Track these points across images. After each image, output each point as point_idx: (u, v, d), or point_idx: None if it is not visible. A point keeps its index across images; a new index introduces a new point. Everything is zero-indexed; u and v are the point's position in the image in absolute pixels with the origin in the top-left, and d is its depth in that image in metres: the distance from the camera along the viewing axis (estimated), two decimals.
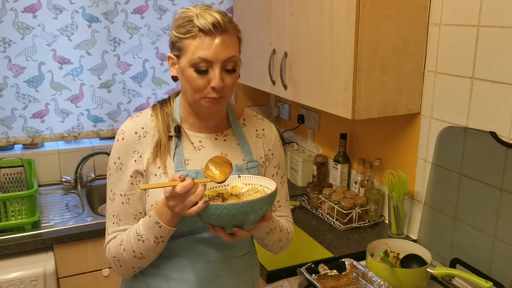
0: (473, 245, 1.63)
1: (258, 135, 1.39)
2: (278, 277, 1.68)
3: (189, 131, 1.33)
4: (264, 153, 1.39)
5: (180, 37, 1.21)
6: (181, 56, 1.22)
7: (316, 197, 2.22)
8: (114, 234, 1.28)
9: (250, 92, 2.91)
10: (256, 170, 1.35)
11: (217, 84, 1.20)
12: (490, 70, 1.57)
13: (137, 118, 1.32)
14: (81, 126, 2.54)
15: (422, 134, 1.87)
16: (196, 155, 1.31)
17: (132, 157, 1.27)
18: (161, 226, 1.18)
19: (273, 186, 1.18)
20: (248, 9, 2.45)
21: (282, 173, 1.44)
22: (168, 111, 1.33)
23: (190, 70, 1.20)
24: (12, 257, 1.96)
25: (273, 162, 1.41)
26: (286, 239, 1.41)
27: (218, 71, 1.20)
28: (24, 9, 2.31)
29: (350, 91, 1.72)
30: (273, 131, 1.43)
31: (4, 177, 2.28)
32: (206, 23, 1.17)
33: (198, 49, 1.18)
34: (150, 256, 1.25)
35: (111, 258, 1.28)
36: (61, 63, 2.43)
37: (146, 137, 1.28)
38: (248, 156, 1.35)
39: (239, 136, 1.36)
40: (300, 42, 1.99)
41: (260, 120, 1.43)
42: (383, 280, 1.52)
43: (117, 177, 1.28)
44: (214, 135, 1.34)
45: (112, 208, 1.29)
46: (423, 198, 1.87)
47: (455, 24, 1.68)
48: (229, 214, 1.08)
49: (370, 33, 1.68)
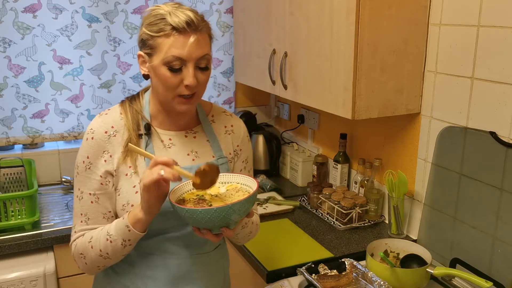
0: (473, 245, 1.63)
1: (227, 131, 1.41)
2: (278, 277, 1.68)
3: (158, 128, 1.32)
4: (233, 148, 1.41)
5: (152, 35, 1.20)
6: (153, 55, 1.21)
7: (316, 197, 2.22)
8: (82, 232, 1.29)
9: (250, 92, 2.91)
10: (225, 166, 1.36)
11: (191, 82, 1.20)
12: (490, 70, 1.57)
13: (106, 116, 1.31)
14: (81, 126, 2.54)
15: (422, 134, 1.87)
16: (166, 152, 1.31)
17: (102, 157, 1.27)
18: (130, 230, 1.19)
19: (250, 182, 1.20)
20: (248, 9, 2.44)
21: (250, 167, 1.46)
22: (137, 108, 1.32)
23: (163, 68, 1.20)
24: (12, 257, 1.96)
25: (241, 157, 1.43)
26: (256, 231, 1.45)
27: (191, 69, 1.20)
28: (24, 9, 2.31)
29: (350, 91, 1.72)
30: (242, 127, 1.45)
31: (4, 177, 2.28)
32: (180, 21, 1.17)
33: (172, 48, 1.18)
34: (115, 258, 1.25)
35: (77, 254, 1.28)
36: (61, 63, 2.43)
37: (116, 136, 1.28)
38: (218, 153, 1.36)
39: (209, 133, 1.37)
40: (300, 42, 1.99)
41: (229, 116, 1.44)
42: (383, 280, 1.52)
43: (85, 176, 1.28)
44: (184, 132, 1.35)
45: (80, 206, 1.29)
46: (423, 198, 1.87)
47: (455, 24, 1.68)
48: (219, 217, 1.08)
49: (370, 33, 1.68)
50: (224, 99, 2.84)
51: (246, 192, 1.20)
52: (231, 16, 2.71)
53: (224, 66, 2.79)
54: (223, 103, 2.84)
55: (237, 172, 1.41)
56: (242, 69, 2.61)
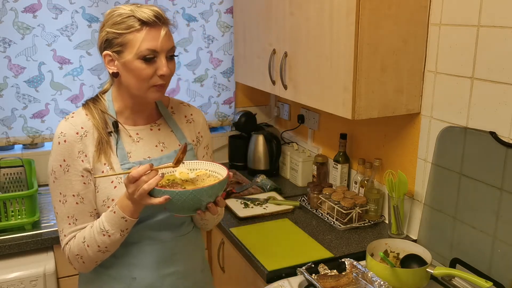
0: (473, 245, 1.63)
1: (188, 120, 1.49)
2: (278, 277, 1.68)
3: (125, 125, 1.38)
4: (196, 136, 1.49)
5: (120, 33, 1.26)
6: (123, 51, 1.27)
7: (316, 197, 2.22)
8: (72, 234, 1.33)
9: (250, 92, 2.91)
10: (191, 152, 1.45)
11: (166, 71, 1.27)
12: (490, 70, 1.57)
13: (73, 119, 1.35)
14: None
15: (422, 134, 1.87)
16: (136, 147, 1.37)
17: (78, 157, 1.31)
18: (127, 220, 1.25)
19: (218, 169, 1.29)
20: (248, 9, 2.45)
21: (211, 153, 1.56)
22: (102, 108, 1.37)
23: (137, 62, 1.26)
24: (12, 257, 1.97)
25: (203, 143, 1.51)
26: (221, 214, 1.56)
27: (164, 60, 1.28)
28: (24, 9, 2.31)
29: (350, 91, 1.72)
30: (201, 115, 1.54)
31: (4, 177, 2.28)
32: (149, 16, 1.24)
33: (145, 41, 1.25)
34: (114, 249, 1.32)
35: (72, 256, 1.33)
36: (61, 63, 2.43)
37: (87, 136, 1.33)
38: (183, 140, 1.44)
39: (171, 124, 1.45)
40: (300, 42, 1.99)
41: (187, 106, 1.53)
42: (383, 280, 1.52)
43: (65, 179, 1.31)
44: (149, 126, 1.42)
45: (66, 210, 1.32)
46: (423, 198, 1.87)
47: (455, 24, 1.68)
48: (194, 198, 1.16)
49: (370, 33, 1.68)
50: (224, 99, 2.84)
51: (216, 178, 1.28)
52: (231, 16, 2.71)
53: (224, 66, 2.79)
54: (223, 103, 2.84)
55: (200, 158, 1.50)
56: (242, 69, 2.61)
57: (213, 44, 2.73)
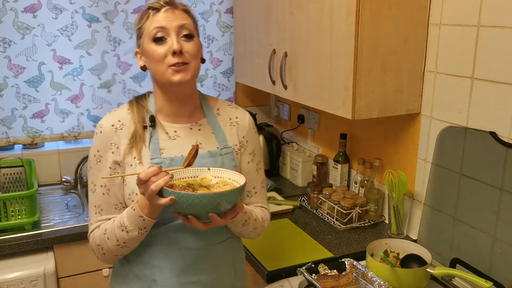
0: (473, 245, 1.63)
1: (232, 123, 1.45)
2: (278, 277, 1.68)
3: (164, 121, 1.38)
4: (239, 140, 1.44)
5: (139, 27, 1.33)
6: (142, 41, 1.32)
7: (316, 197, 2.22)
8: (97, 224, 1.35)
9: (250, 92, 2.91)
10: (230, 156, 1.39)
11: (176, 47, 1.26)
12: (490, 70, 1.57)
13: (114, 112, 1.39)
14: (81, 126, 2.54)
15: (422, 134, 1.87)
16: (171, 144, 1.36)
17: (110, 149, 1.33)
18: (144, 219, 1.25)
19: (241, 180, 1.24)
20: (248, 9, 2.44)
21: (258, 160, 1.48)
22: (143, 104, 1.40)
23: (151, 45, 1.29)
24: (12, 257, 1.96)
25: (248, 149, 1.45)
26: (262, 227, 1.46)
27: (174, 36, 1.28)
28: (24, 9, 2.31)
29: (350, 91, 1.72)
30: (247, 118, 1.48)
31: (4, 177, 2.28)
32: (158, 2, 1.31)
33: (152, 23, 1.29)
34: (132, 245, 1.32)
35: (95, 246, 1.35)
36: (61, 63, 2.43)
37: (122, 129, 1.35)
38: (222, 143, 1.40)
39: (213, 125, 1.42)
40: (300, 42, 1.99)
41: (234, 108, 1.49)
42: (383, 280, 1.52)
43: (97, 169, 1.34)
44: (189, 125, 1.40)
45: (94, 199, 1.35)
46: (423, 198, 1.87)
47: (455, 24, 1.68)
48: (200, 203, 1.13)
49: (370, 33, 1.68)
50: (224, 99, 2.82)
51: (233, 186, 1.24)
52: (231, 16, 2.71)
53: (224, 66, 2.79)
54: None
55: (245, 163, 1.44)
56: (242, 69, 2.61)
57: (213, 44, 2.73)
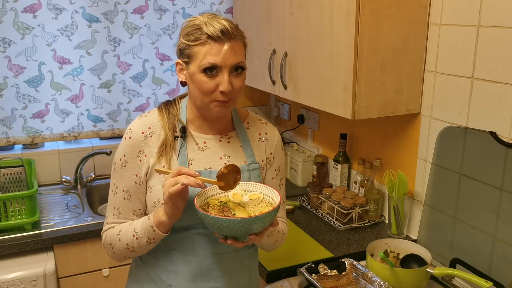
0: (473, 245, 1.63)
1: (260, 139, 1.44)
2: (278, 277, 1.68)
3: (194, 132, 1.37)
4: (266, 156, 1.43)
5: (189, 44, 1.26)
6: (190, 62, 1.27)
7: (316, 197, 2.22)
8: (112, 224, 1.37)
9: (250, 92, 2.91)
10: (257, 172, 1.39)
11: (226, 88, 1.24)
12: (490, 70, 1.57)
13: (145, 118, 1.37)
14: (81, 126, 2.54)
15: (422, 134, 1.87)
16: (200, 155, 1.35)
17: (138, 157, 1.33)
18: (155, 231, 1.26)
19: (272, 193, 1.24)
20: (248, 9, 2.45)
21: (282, 176, 1.48)
22: (174, 112, 1.38)
23: (200, 75, 1.25)
24: (12, 257, 1.96)
25: (274, 165, 1.45)
26: (281, 239, 1.47)
27: (226, 75, 1.25)
28: (24, 9, 2.31)
29: (350, 91, 1.72)
30: (276, 135, 1.48)
31: (4, 177, 2.28)
32: (215, 30, 1.23)
33: (207, 55, 1.23)
34: (141, 252, 1.33)
35: (106, 244, 1.37)
36: (61, 63, 2.43)
37: (152, 137, 1.34)
38: (250, 158, 1.39)
39: (243, 139, 1.41)
40: (300, 42, 1.99)
41: (264, 124, 1.47)
42: (383, 280, 1.52)
43: (121, 173, 1.34)
44: (219, 136, 1.39)
45: (114, 200, 1.36)
46: (423, 198, 1.87)
47: (455, 24, 1.68)
48: (241, 227, 1.14)
49: (370, 33, 1.68)
50: None
51: (268, 204, 1.24)
52: (231, 16, 2.71)
53: None
54: None
55: (269, 179, 1.44)
56: None
57: None
